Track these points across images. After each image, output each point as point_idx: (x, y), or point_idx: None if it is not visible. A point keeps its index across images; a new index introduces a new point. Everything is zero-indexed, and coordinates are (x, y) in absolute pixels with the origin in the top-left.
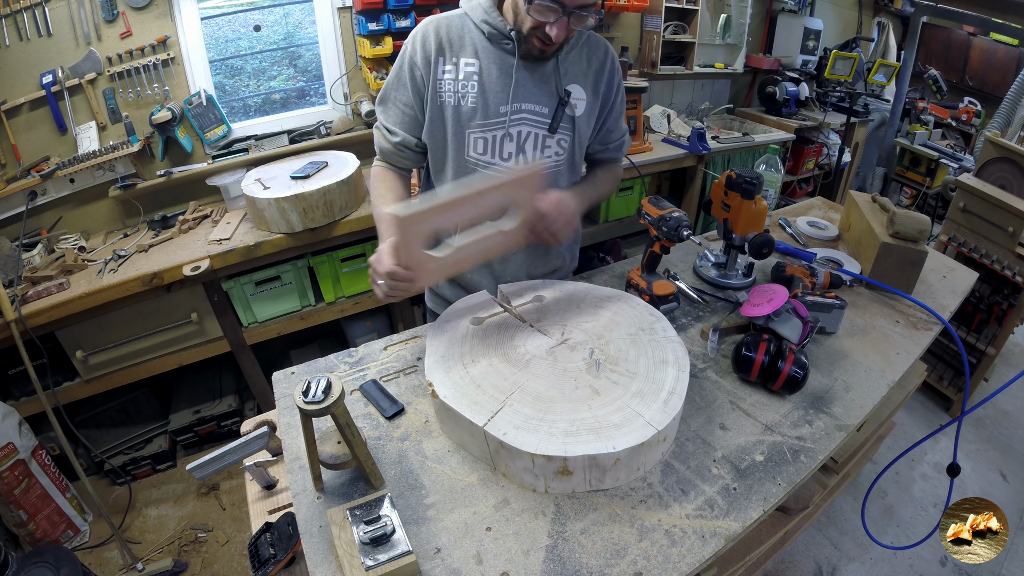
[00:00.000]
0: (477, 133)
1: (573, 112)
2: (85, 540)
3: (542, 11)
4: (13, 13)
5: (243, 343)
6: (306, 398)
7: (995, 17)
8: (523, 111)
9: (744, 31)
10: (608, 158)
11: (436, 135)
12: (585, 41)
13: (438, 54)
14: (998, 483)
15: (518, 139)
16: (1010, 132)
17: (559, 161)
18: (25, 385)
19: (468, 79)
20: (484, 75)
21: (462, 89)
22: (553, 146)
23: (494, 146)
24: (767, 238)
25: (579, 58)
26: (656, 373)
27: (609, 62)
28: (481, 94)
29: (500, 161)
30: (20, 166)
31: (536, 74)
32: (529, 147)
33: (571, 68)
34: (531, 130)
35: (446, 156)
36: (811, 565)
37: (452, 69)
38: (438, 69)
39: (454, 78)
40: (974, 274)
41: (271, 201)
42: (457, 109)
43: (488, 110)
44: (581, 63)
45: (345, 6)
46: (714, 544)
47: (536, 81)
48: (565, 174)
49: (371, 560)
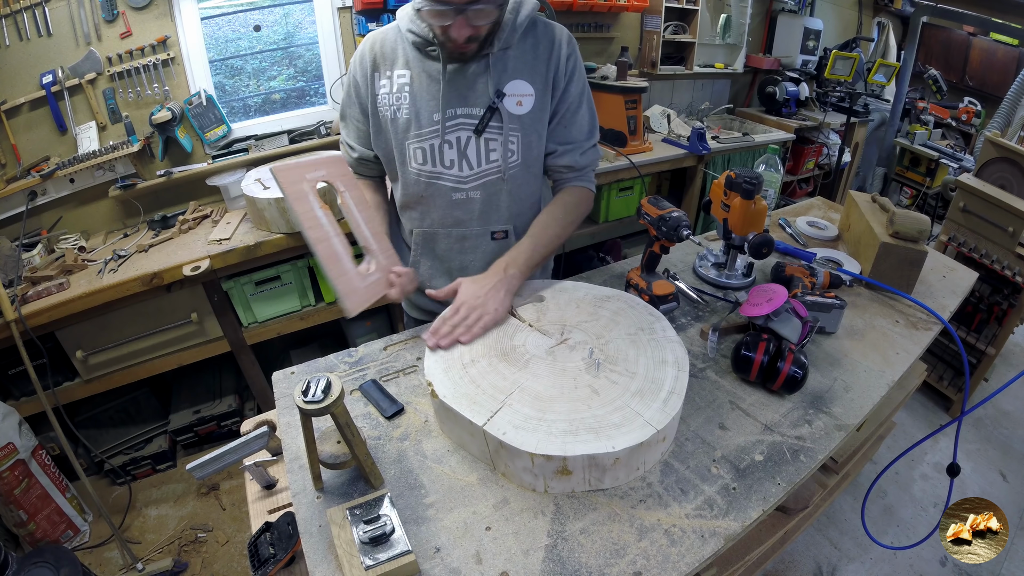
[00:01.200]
0: (415, 144)
1: (518, 111)
2: (85, 540)
3: (434, 15)
4: (13, 13)
5: (243, 343)
6: (306, 398)
7: (995, 17)
8: (459, 116)
9: (744, 31)
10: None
11: (383, 149)
12: (530, 30)
13: (374, 70)
14: (998, 483)
15: (458, 146)
16: (1010, 132)
17: (512, 164)
18: (25, 385)
19: (400, 91)
20: (415, 85)
21: (396, 102)
22: (499, 149)
23: (433, 155)
24: (767, 238)
25: (523, 51)
26: (656, 373)
27: (559, 47)
28: (413, 104)
29: (443, 169)
30: (20, 166)
31: (468, 77)
32: (471, 153)
33: (512, 63)
34: (471, 135)
35: (395, 169)
36: (811, 565)
37: (387, 83)
38: (375, 84)
39: (388, 91)
40: (974, 274)
41: (271, 201)
42: (394, 122)
43: (421, 120)
44: (526, 56)
45: (345, 6)
46: (714, 544)
47: (469, 84)
48: (522, 180)
49: (371, 559)
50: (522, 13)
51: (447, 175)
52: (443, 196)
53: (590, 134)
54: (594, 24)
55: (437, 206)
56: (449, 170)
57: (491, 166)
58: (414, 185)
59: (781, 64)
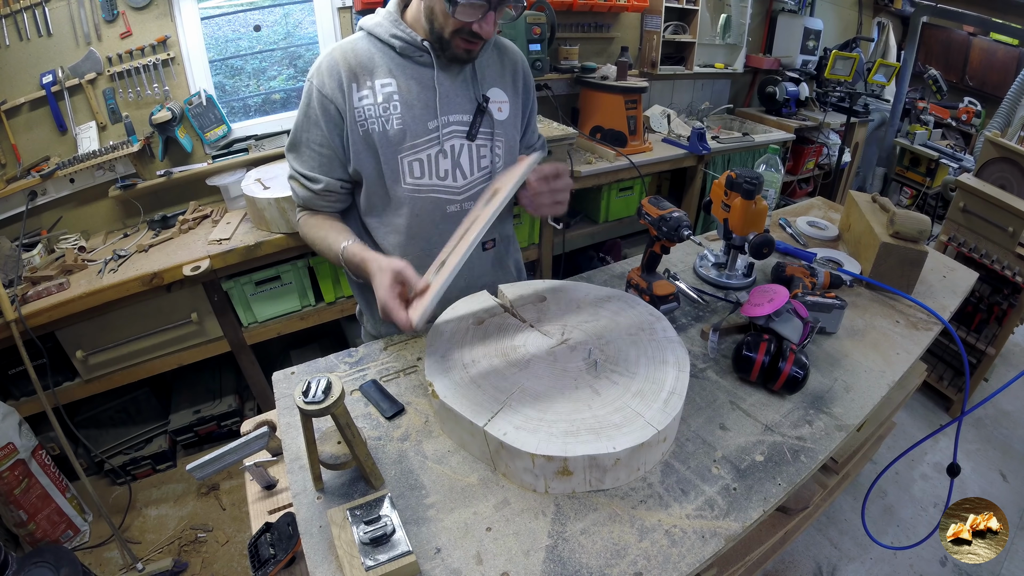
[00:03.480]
0: (410, 156)
1: (500, 116)
2: (85, 540)
3: (469, 10)
4: (13, 13)
5: (243, 343)
6: (306, 398)
7: (995, 17)
8: (452, 123)
9: (744, 31)
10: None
11: (367, 167)
12: (495, 43)
13: (350, 81)
14: (998, 483)
15: (452, 154)
16: (1010, 132)
17: (498, 170)
18: (25, 385)
19: (388, 100)
20: (404, 93)
21: (384, 112)
22: (488, 155)
23: (430, 167)
24: (767, 238)
25: (492, 60)
26: (656, 373)
27: (520, 61)
28: (406, 113)
29: (438, 182)
30: (20, 166)
31: (457, 82)
32: (464, 161)
33: (487, 71)
34: (463, 142)
35: (383, 188)
36: (811, 565)
37: (369, 94)
38: (353, 97)
39: (373, 102)
40: (974, 274)
41: (271, 201)
42: (385, 135)
43: (416, 129)
44: (495, 65)
45: (345, 6)
46: (714, 544)
47: (458, 89)
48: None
49: (371, 560)
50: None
51: (441, 187)
52: (437, 211)
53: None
54: (594, 24)
55: (429, 224)
56: (443, 181)
57: (482, 173)
58: (405, 204)
59: (781, 64)
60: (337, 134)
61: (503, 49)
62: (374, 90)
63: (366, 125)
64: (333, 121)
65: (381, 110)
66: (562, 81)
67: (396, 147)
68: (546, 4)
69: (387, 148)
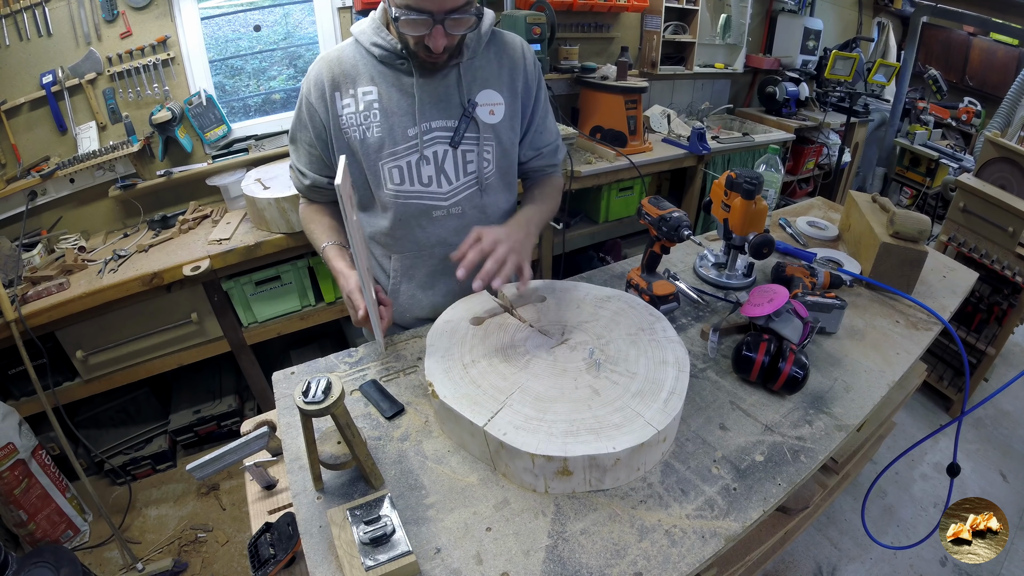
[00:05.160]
0: (390, 163)
1: (491, 119)
2: (85, 540)
3: (411, 25)
4: (13, 13)
5: (243, 343)
6: (306, 398)
7: (995, 17)
8: (434, 129)
9: (744, 31)
10: (543, 165)
11: (354, 171)
12: (492, 41)
13: (333, 89)
14: (998, 483)
15: (435, 160)
16: (1010, 132)
17: (488, 175)
18: (25, 385)
19: (369, 108)
20: (384, 101)
21: (364, 121)
22: (475, 160)
23: (410, 173)
24: (767, 238)
25: (487, 61)
26: (656, 373)
27: (523, 58)
28: (385, 121)
29: (421, 188)
30: (20, 166)
31: (440, 88)
32: (449, 167)
33: (480, 73)
34: (447, 148)
35: (368, 192)
36: (811, 565)
37: (351, 102)
38: (336, 105)
39: (354, 111)
40: (974, 274)
41: (271, 201)
42: (364, 142)
43: (395, 137)
44: (491, 65)
45: (345, 6)
46: (714, 544)
47: (441, 95)
48: (497, 190)
49: (371, 560)
50: (485, 23)
51: (425, 193)
52: (423, 216)
53: (557, 133)
54: (594, 24)
55: (416, 228)
56: (427, 187)
57: (469, 178)
58: (391, 208)
59: (781, 64)
60: (320, 139)
61: (502, 46)
62: (356, 98)
63: (349, 133)
64: (317, 129)
65: (362, 118)
66: (562, 81)
67: (376, 154)
68: (546, 4)
69: (368, 155)
